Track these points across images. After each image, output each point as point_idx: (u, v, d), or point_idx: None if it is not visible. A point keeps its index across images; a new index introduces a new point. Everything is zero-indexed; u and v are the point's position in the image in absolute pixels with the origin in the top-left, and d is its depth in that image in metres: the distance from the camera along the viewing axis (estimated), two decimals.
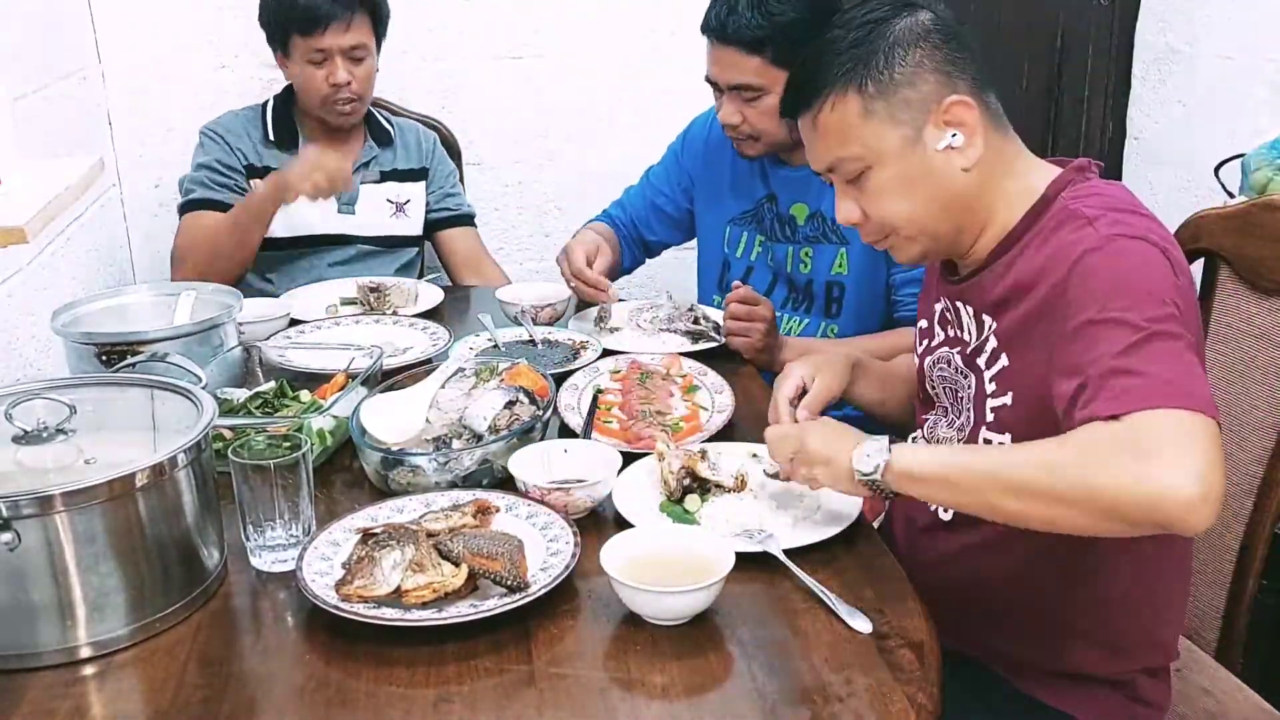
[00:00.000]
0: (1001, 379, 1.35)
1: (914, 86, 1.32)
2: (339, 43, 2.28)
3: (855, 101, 1.33)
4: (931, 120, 1.32)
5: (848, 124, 1.33)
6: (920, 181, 1.34)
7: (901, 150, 1.33)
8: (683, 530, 1.34)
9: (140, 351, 1.67)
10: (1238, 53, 2.91)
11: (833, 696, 1.10)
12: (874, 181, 1.35)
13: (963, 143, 1.32)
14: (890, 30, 1.33)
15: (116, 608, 1.19)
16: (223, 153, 2.37)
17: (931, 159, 1.33)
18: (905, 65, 1.32)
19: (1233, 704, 1.53)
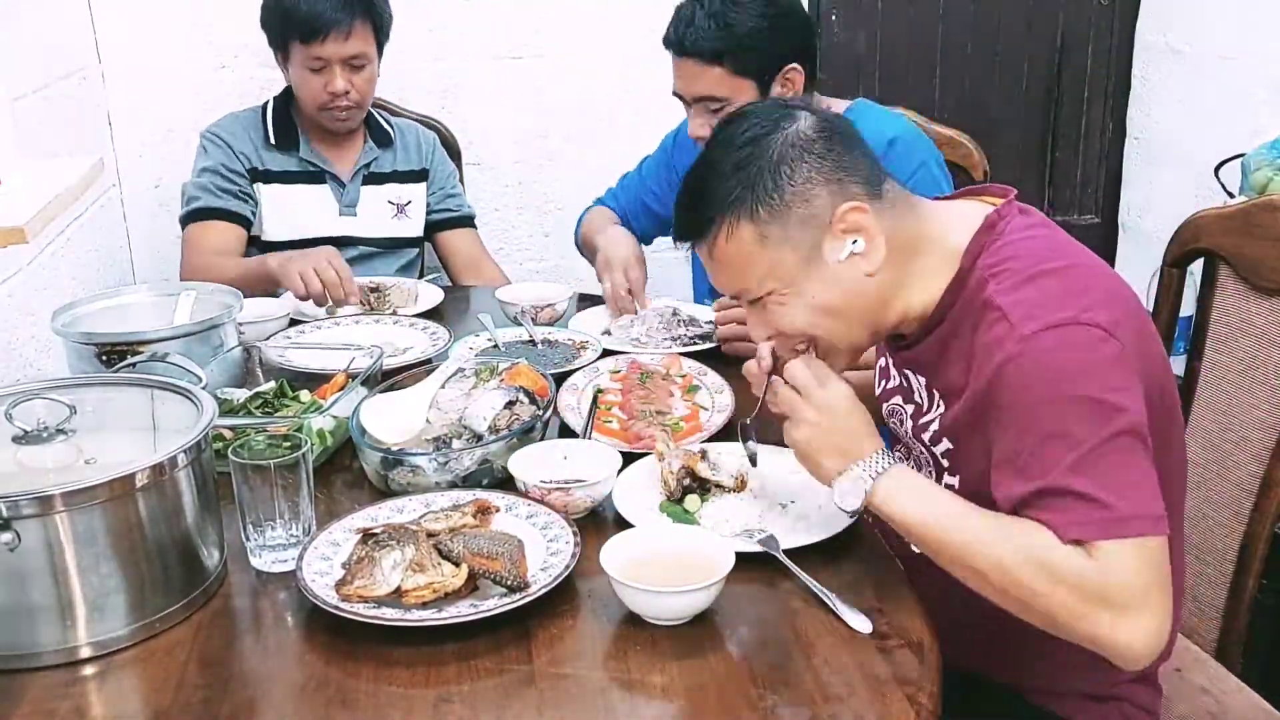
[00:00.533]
0: (950, 458, 1.33)
1: (807, 203, 1.26)
2: (339, 51, 2.26)
3: (749, 229, 1.27)
4: (829, 234, 1.26)
5: (744, 253, 1.28)
6: (826, 295, 1.29)
7: (803, 270, 1.28)
8: (683, 530, 1.34)
9: (140, 351, 1.67)
10: (1238, 53, 2.92)
11: (833, 696, 1.10)
12: (780, 303, 1.30)
13: (864, 248, 1.27)
14: (772, 147, 1.27)
15: (116, 608, 1.19)
16: (226, 156, 2.36)
17: (835, 271, 1.27)
18: (794, 183, 1.26)
19: (1233, 704, 1.53)
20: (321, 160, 2.41)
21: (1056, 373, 1.16)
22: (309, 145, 2.40)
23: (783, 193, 1.26)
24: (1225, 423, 1.61)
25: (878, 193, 1.29)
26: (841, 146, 1.28)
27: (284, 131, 2.40)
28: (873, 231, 1.27)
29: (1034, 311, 1.19)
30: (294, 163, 2.39)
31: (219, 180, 2.34)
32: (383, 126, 2.49)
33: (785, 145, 1.27)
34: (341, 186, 2.42)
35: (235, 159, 2.36)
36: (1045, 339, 1.17)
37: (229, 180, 2.34)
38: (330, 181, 2.41)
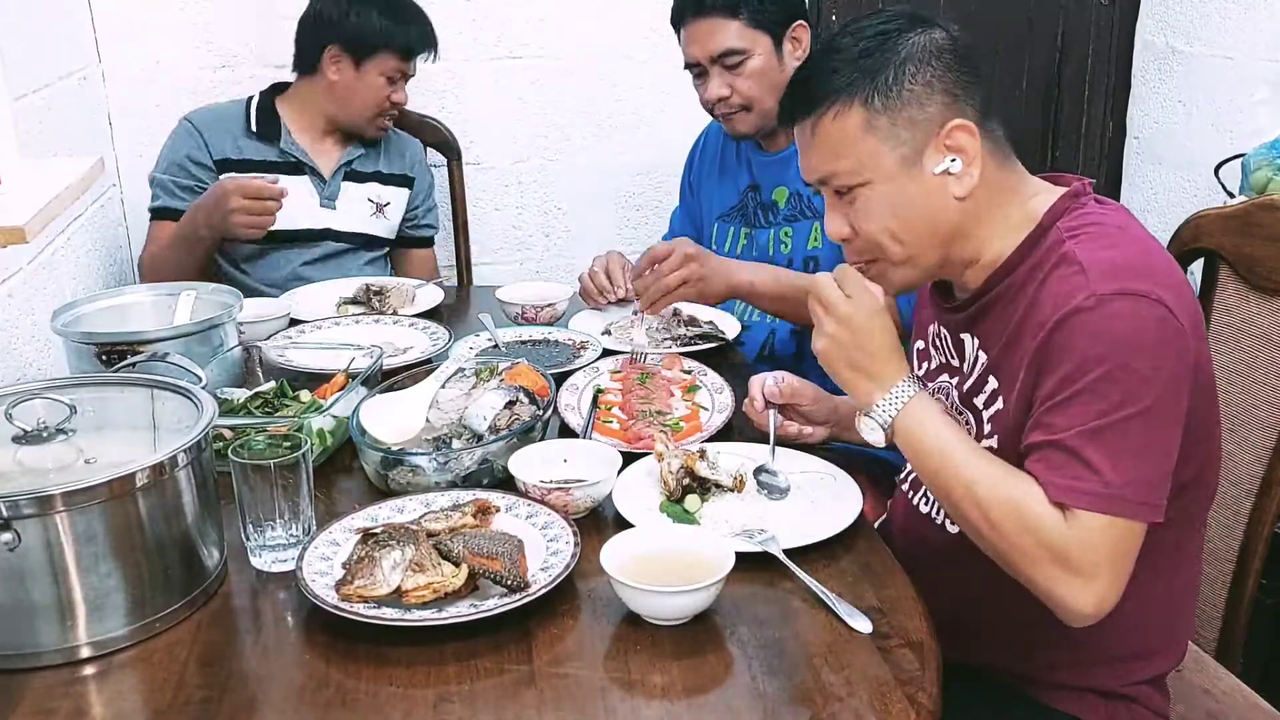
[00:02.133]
0: (995, 421, 1.33)
1: (920, 106, 1.28)
2: (410, 69, 2.39)
3: (859, 114, 1.28)
4: (932, 143, 1.28)
5: (848, 136, 1.29)
6: (912, 204, 1.30)
7: (898, 170, 1.29)
8: (683, 530, 1.34)
9: (140, 351, 1.66)
10: (1238, 53, 2.91)
11: (833, 696, 1.10)
12: (866, 198, 1.31)
13: (960, 169, 1.28)
14: (903, 45, 1.29)
15: (116, 608, 1.19)
16: (194, 148, 2.36)
17: (927, 182, 1.29)
18: (914, 83, 1.27)
19: (1233, 704, 1.53)
20: (302, 154, 2.42)
21: (1118, 339, 1.18)
22: (291, 139, 2.41)
23: (901, 88, 1.27)
24: (1225, 423, 1.61)
25: (986, 126, 1.30)
26: (968, 67, 1.30)
27: (266, 121, 2.40)
28: (973, 156, 1.29)
29: (1112, 273, 1.20)
30: (274, 153, 2.40)
31: (181, 178, 2.35)
32: None
33: (915, 46, 1.29)
34: (322, 181, 2.43)
35: (204, 150, 2.36)
36: (1118, 304, 1.18)
37: (191, 177, 2.35)
38: (310, 175, 2.42)
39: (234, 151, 2.38)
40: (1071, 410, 1.19)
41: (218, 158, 2.37)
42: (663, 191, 3.03)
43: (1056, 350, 1.21)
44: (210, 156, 2.37)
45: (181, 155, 2.36)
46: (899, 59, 1.28)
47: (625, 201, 3.13)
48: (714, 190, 2.28)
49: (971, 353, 1.38)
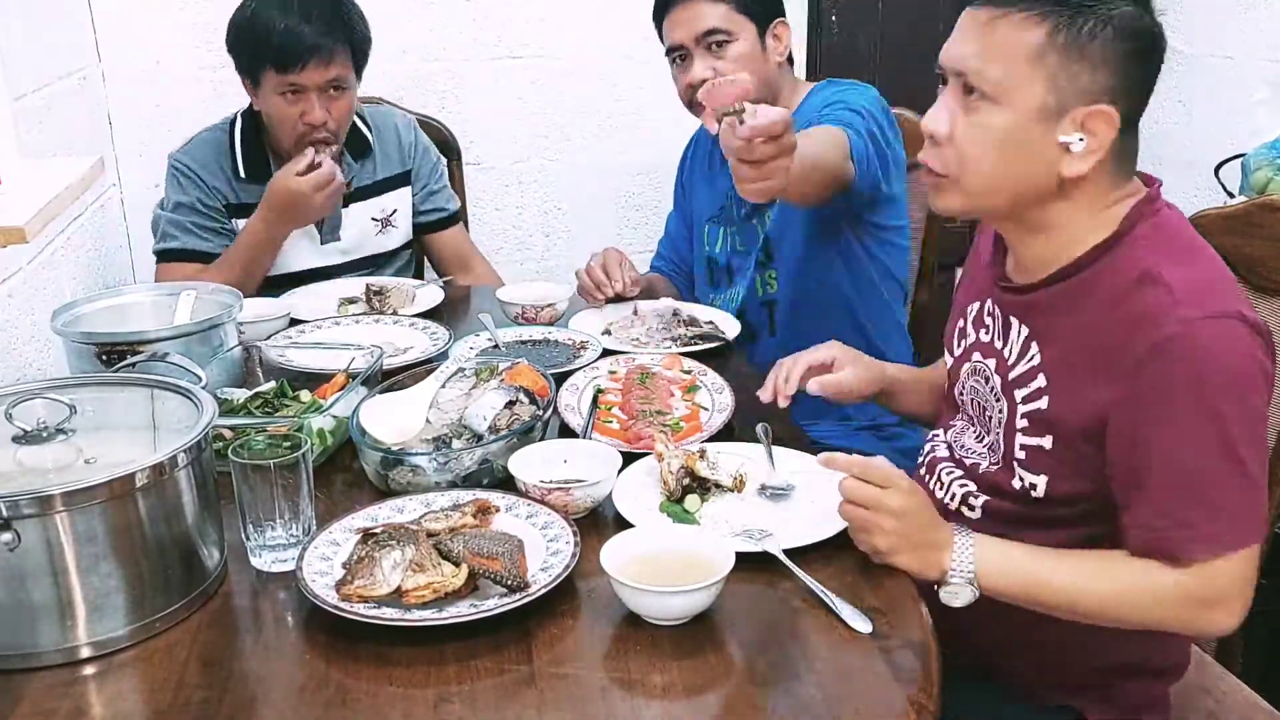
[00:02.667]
0: (1038, 419, 1.32)
1: (1092, 70, 1.22)
2: (317, 79, 2.11)
3: (1040, 36, 1.22)
4: (1074, 111, 1.23)
5: (1016, 48, 1.23)
6: (1020, 151, 1.26)
7: (1032, 113, 1.24)
8: (683, 530, 1.34)
9: (140, 351, 1.66)
10: (1238, 53, 2.92)
11: (832, 697, 1.10)
12: (986, 114, 1.26)
13: (1081, 151, 1.24)
14: (1117, 7, 1.22)
15: (116, 608, 1.19)
16: (200, 191, 2.25)
17: (1045, 143, 1.24)
18: (1105, 45, 1.21)
19: (1233, 704, 1.53)
20: None
21: (1217, 368, 1.18)
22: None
23: (1089, 45, 1.22)
24: None
25: (1129, 132, 1.27)
26: (1149, 66, 1.25)
27: (254, 162, 2.27)
28: (1099, 146, 1.25)
29: (1198, 295, 1.20)
30: (259, 196, 2.21)
31: (196, 218, 2.24)
32: (360, 133, 2.35)
33: (1123, 16, 1.22)
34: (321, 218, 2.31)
35: (209, 194, 2.25)
36: (1209, 329, 1.18)
37: (206, 216, 2.24)
38: None
39: (232, 196, 2.27)
40: (1180, 448, 1.19)
41: (222, 204, 2.27)
42: (663, 192, 3.03)
43: (1148, 384, 1.20)
44: (219, 200, 2.26)
45: (192, 199, 2.24)
46: (1106, 12, 1.22)
47: (625, 201, 3.13)
48: (703, 193, 2.28)
49: (1019, 340, 1.36)
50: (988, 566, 1.26)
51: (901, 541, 1.26)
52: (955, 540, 1.27)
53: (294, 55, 2.09)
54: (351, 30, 2.16)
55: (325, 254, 2.36)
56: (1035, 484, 1.34)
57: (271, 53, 2.10)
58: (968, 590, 1.26)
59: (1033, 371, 1.34)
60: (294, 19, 2.09)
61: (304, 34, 2.08)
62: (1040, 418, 1.32)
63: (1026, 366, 1.34)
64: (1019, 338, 1.37)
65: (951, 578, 1.26)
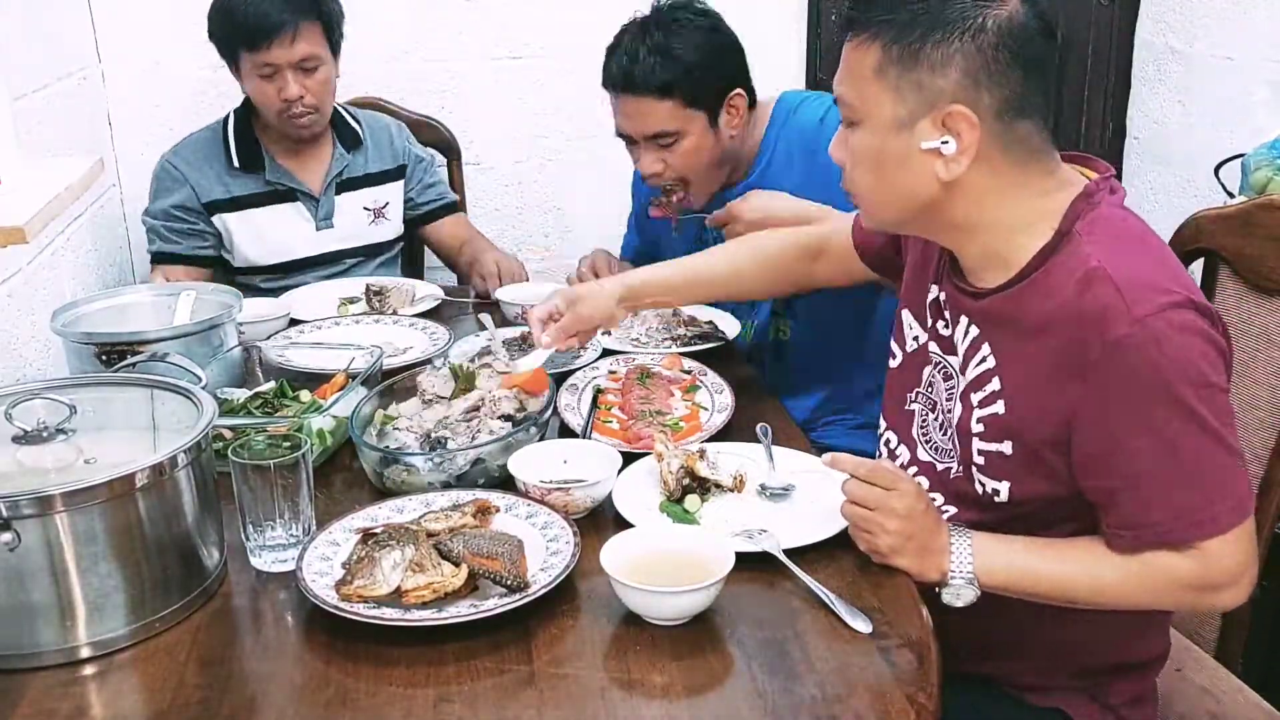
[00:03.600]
0: (995, 424, 1.32)
1: (932, 73, 1.23)
2: (287, 56, 2.19)
3: (875, 54, 1.25)
4: (929, 116, 1.24)
5: (860, 70, 1.27)
6: (890, 164, 1.28)
7: (889, 126, 1.26)
8: (683, 530, 1.34)
9: (140, 351, 1.67)
10: (1238, 53, 2.91)
11: (832, 696, 1.10)
12: (857, 136, 1.30)
13: (951, 153, 1.24)
14: (952, 8, 1.23)
15: (116, 608, 1.19)
16: (183, 195, 2.31)
17: (911, 153, 1.26)
18: (938, 49, 1.23)
19: (1233, 704, 1.53)
20: (289, 179, 2.35)
21: (1176, 361, 1.18)
22: (275, 164, 2.34)
23: (923, 51, 1.23)
24: None
25: (1009, 120, 1.25)
26: (1011, 56, 1.23)
27: (248, 152, 2.33)
28: (966, 145, 1.24)
29: (1145, 290, 1.19)
30: (260, 184, 2.34)
31: (175, 223, 2.30)
32: (351, 127, 2.42)
33: (959, 18, 1.23)
34: (314, 201, 2.37)
35: (192, 194, 2.31)
36: (1161, 324, 1.18)
37: (184, 221, 2.30)
38: (302, 199, 2.36)
39: (221, 191, 2.33)
40: (1171, 440, 1.19)
41: (205, 200, 2.32)
42: None
43: (1111, 386, 1.20)
44: (199, 200, 2.31)
45: (169, 204, 2.31)
46: (934, 20, 1.23)
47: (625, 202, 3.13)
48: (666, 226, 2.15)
49: (969, 342, 1.36)
50: (987, 565, 1.27)
51: (905, 543, 1.26)
52: (953, 541, 1.27)
53: (261, 33, 2.17)
54: (320, 6, 2.23)
55: (320, 241, 2.39)
56: (998, 489, 1.33)
57: (241, 33, 2.19)
58: (969, 590, 1.26)
59: (986, 375, 1.33)
60: (256, 3, 2.16)
61: (269, 10, 2.17)
62: (997, 423, 1.32)
63: (979, 370, 1.34)
64: (968, 339, 1.36)
65: (952, 579, 1.26)
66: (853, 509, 1.28)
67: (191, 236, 2.32)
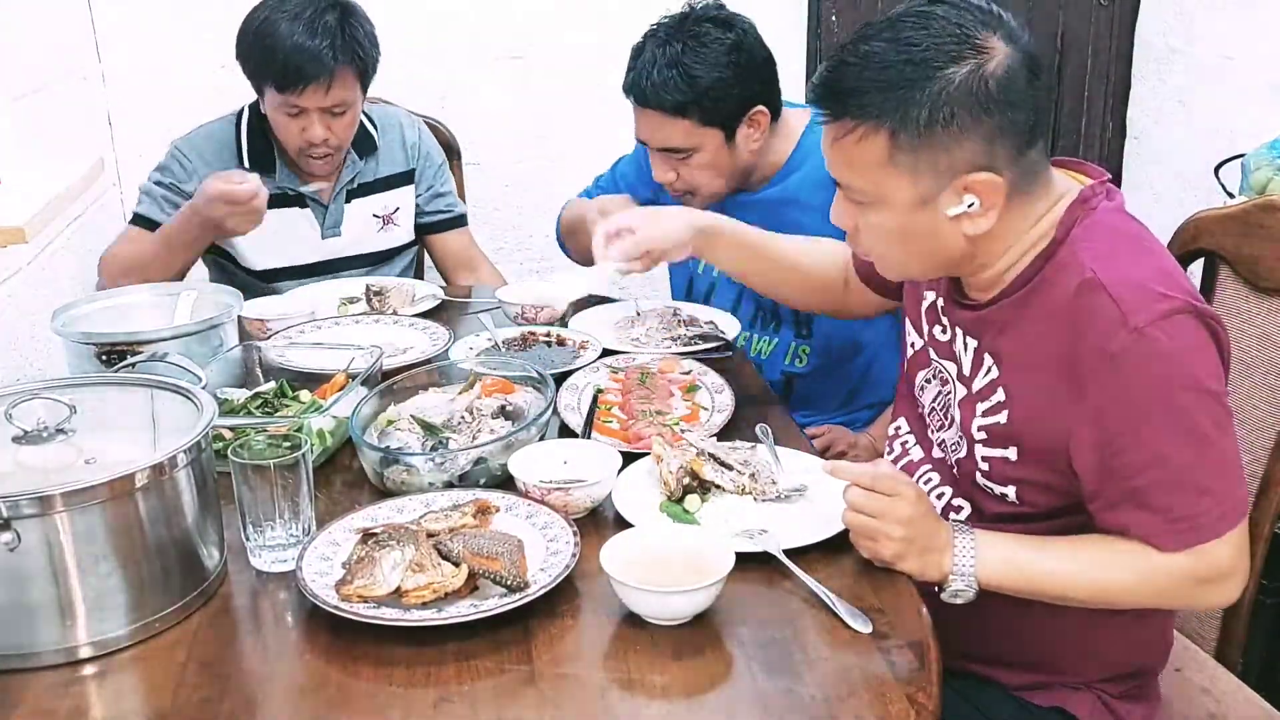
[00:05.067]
0: (998, 432, 1.32)
1: (948, 151, 1.21)
2: (319, 102, 2.12)
3: (883, 144, 1.22)
4: (952, 186, 1.23)
5: (867, 161, 1.24)
6: (918, 238, 1.28)
7: (911, 204, 1.24)
8: (683, 530, 1.34)
9: (140, 351, 1.67)
10: (1238, 53, 2.91)
11: (833, 696, 1.10)
12: (873, 218, 1.29)
13: (977, 211, 1.23)
14: (948, 80, 1.19)
15: (116, 608, 1.19)
16: (184, 177, 2.24)
17: (938, 222, 1.25)
18: (948, 129, 1.19)
19: (1233, 704, 1.53)
20: (298, 184, 2.29)
21: (1173, 370, 1.18)
22: (286, 169, 2.28)
23: (933, 132, 1.20)
24: None
25: (1024, 155, 1.24)
26: (1013, 104, 1.20)
27: (259, 154, 2.27)
28: (992, 202, 1.24)
29: (1141, 297, 1.19)
30: (270, 187, 2.21)
31: (169, 195, 2.23)
32: (365, 130, 2.35)
33: (958, 87, 1.19)
34: (323, 209, 2.32)
35: (194, 183, 2.21)
36: (1158, 332, 1.17)
37: (178, 196, 2.23)
38: (311, 205, 2.31)
39: None
40: (1154, 448, 1.20)
41: None
42: None
43: (1111, 396, 1.20)
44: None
45: (169, 179, 2.25)
46: (937, 96, 1.19)
47: None
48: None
49: (971, 355, 1.36)
50: (988, 564, 1.26)
51: (908, 549, 1.25)
52: (955, 540, 1.27)
53: (294, 79, 2.08)
54: (357, 52, 2.14)
55: (326, 249, 2.35)
56: (1005, 494, 1.34)
57: (273, 73, 2.10)
58: (969, 589, 1.26)
59: (991, 386, 1.33)
60: (302, 34, 2.06)
61: (307, 56, 2.06)
62: (1000, 431, 1.32)
63: (985, 381, 1.34)
64: (970, 352, 1.37)
65: (953, 580, 1.26)
66: (856, 517, 1.27)
67: None
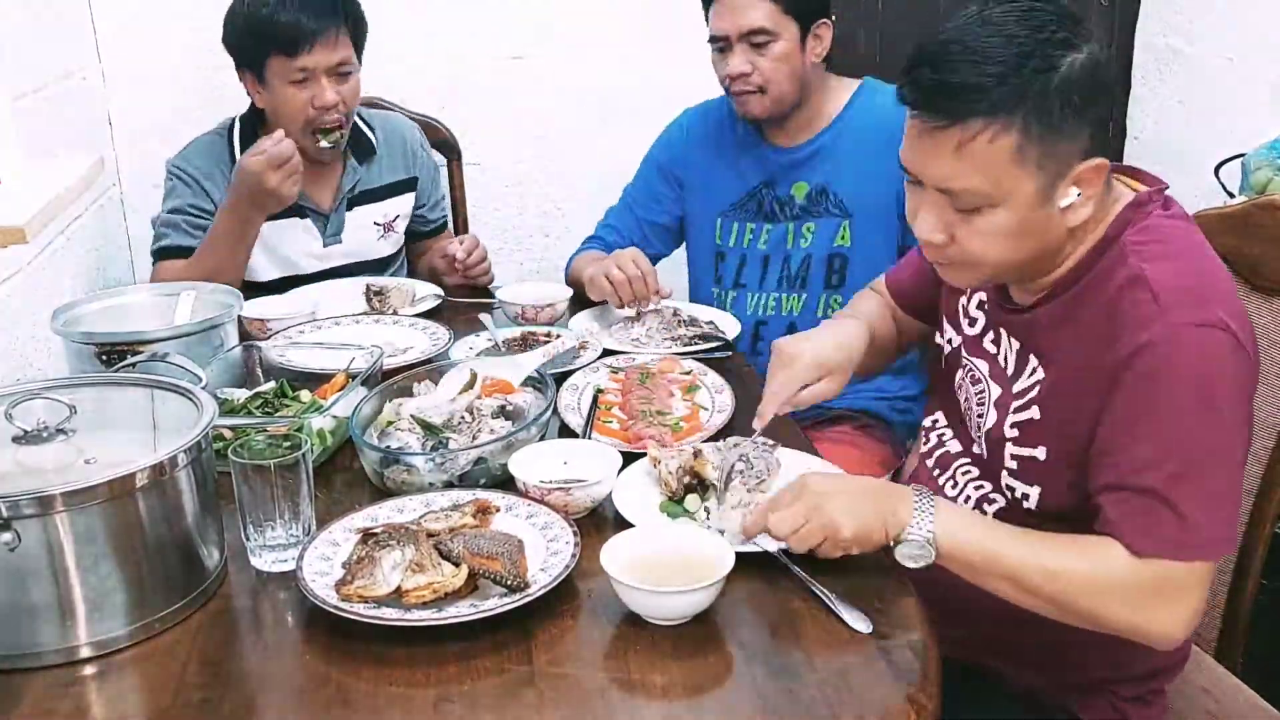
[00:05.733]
0: (1029, 430, 1.32)
1: (1071, 139, 1.19)
2: (326, 61, 2.11)
3: (1014, 140, 1.18)
4: (1068, 175, 1.21)
5: (996, 160, 1.19)
6: (1032, 232, 1.24)
7: (1033, 200, 1.21)
8: (683, 530, 1.34)
9: (140, 351, 1.67)
10: (1238, 53, 2.91)
11: (833, 696, 1.10)
12: (988, 219, 1.23)
13: (1080, 200, 1.22)
14: (1063, 63, 1.17)
15: (116, 608, 1.19)
16: (195, 195, 2.23)
17: (1052, 214, 1.23)
18: (1069, 113, 1.17)
19: (1233, 704, 1.53)
20: (299, 195, 2.20)
21: (1193, 377, 1.16)
22: None
23: (1064, 121, 1.17)
24: None
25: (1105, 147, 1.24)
26: (1108, 88, 1.22)
27: None
28: (1096, 192, 1.23)
29: (1183, 299, 1.18)
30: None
31: (190, 219, 2.21)
32: (365, 136, 2.35)
33: (1078, 73, 1.17)
34: (323, 218, 2.31)
35: (206, 198, 2.23)
36: (1191, 337, 1.16)
37: (200, 217, 2.21)
38: (311, 215, 2.29)
39: None
40: (1151, 453, 1.18)
41: (216, 206, 2.21)
42: None
43: (1129, 386, 1.19)
44: (213, 203, 2.22)
45: (185, 203, 2.23)
46: (1061, 82, 1.17)
47: None
48: (717, 183, 2.22)
49: (1013, 356, 1.35)
50: (947, 529, 1.23)
51: (855, 516, 1.22)
52: (915, 500, 1.24)
53: (301, 38, 2.09)
54: (349, 13, 2.19)
55: (327, 257, 2.34)
56: (1028, 494, 1.34)
57: (278, 39, 2.10)
58: (927, 552, 1.23)
59: (1033, 386, 1.33)
60: (293, 6, 2.10)
61: (310, 13, 2.10)
62: (1033, 430, 1.32)
63: (1028, 381, 1.33)
64: (1013, 351, 1.36)
65: (909, 534, 1.22)
66: (796, 535, 1.25)
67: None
